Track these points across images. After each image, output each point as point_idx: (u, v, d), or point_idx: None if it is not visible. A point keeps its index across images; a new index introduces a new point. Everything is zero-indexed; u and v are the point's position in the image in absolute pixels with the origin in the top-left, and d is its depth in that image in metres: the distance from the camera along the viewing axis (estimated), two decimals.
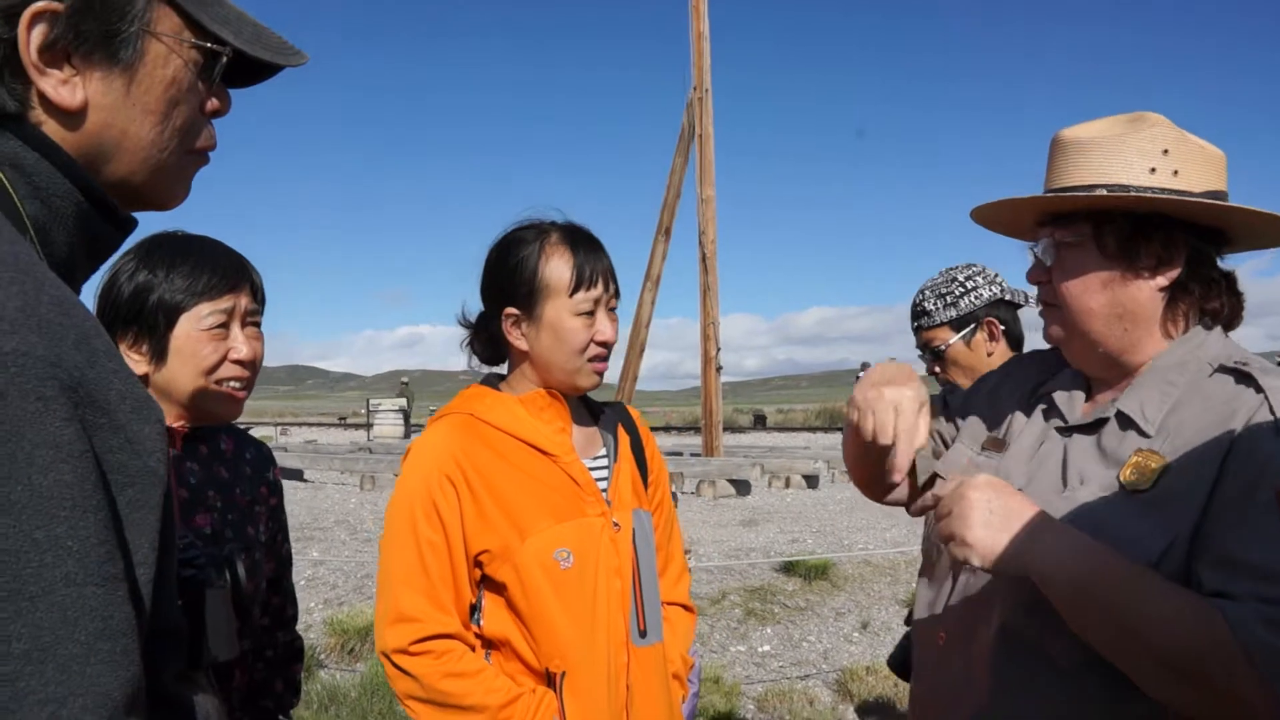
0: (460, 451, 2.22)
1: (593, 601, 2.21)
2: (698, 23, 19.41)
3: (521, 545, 2.18)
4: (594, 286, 2.24)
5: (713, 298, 19.44)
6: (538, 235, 2.28)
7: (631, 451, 2.48)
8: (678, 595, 2.55)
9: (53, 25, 1.04)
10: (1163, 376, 1.79)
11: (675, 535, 2.61)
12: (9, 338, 0.85)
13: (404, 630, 2.13)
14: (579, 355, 2.26)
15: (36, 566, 0.83)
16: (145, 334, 1.99)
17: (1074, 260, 1.83)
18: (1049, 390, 1.99)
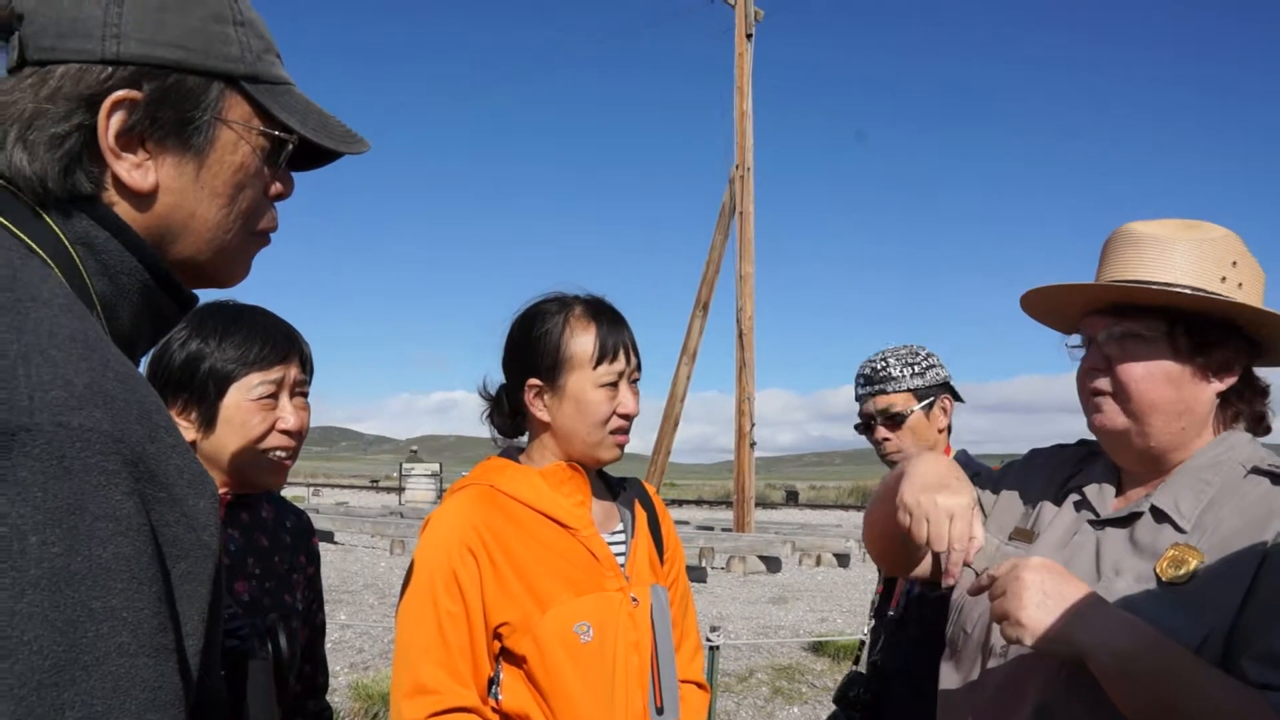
0: (481, 523, 2.21)
1: (612, 676, 2.19)
2: (741, 101, 19.64)
3: (542, 618, 2.16)
4: (617, 360, 2.26)
5: (749, 374, 19.45)
6: (561, 308, 2.31)
7: (648, 527, 2.47)
8: (692, 673, 2.50)
9: (131, 112, 1.09)
10: (1197, 475, 1.82)
11: (690, 612, 2.58)
12: (76, 413, 0.88)
13: (422, 703, 2.11)
14: (601, 427, 2.26)
15: (92, 637, 0.85)
16: (195, 402, 2.02)
17: (1143, 353, 1.83)
18: (1080, 484, 1.99)
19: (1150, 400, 1.82)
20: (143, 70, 1.09)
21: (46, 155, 1.06)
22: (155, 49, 1.09)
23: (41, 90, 1.06)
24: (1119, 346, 1.85)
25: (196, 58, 1.12)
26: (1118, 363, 1.85)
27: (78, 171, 1.08)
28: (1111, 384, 1.86)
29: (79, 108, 1.07)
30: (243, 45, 1.17)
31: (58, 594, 0.83)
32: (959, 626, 2.04)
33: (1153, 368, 1.82)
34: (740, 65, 19.67)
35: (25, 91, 1.06)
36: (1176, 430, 1.84)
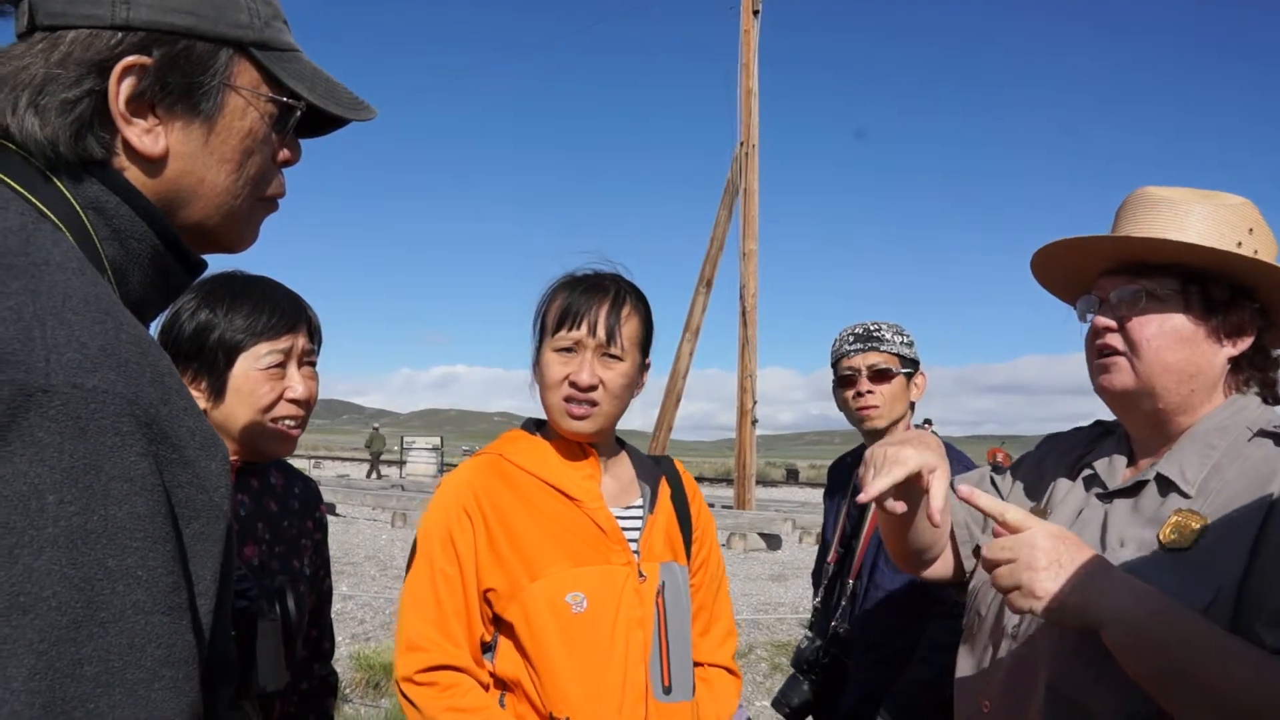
0: (481, 488, 2.24)
1: (608, 649, 2.18)
2: (747, 79, 19.56)
3: (530, 585, 2.17)
4: (576, 327, 2.23)
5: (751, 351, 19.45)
6: (563, 278, 2.34)
7: (673, 506, 2.45)
8: (720, 657, 2.48)
9: (141, 78, 1.10)
10: (1204, 440, 1.81)
11: (722, 596, 2.55)
12: (91, 375, 0.90)
13: (412, 659, 2.14)
14: (554, 393, 2.25)
15: (109, 594, 0.87)
16: (204, 371, 2.04)
17: (1158, 312, 1.82)
18: (1091, 460, 1.99)
19: (1163, 359, 1.80)
20: (153, 36, 1.10)
21: (58, 120, 1.07)
22: (165, 15, 1.10)
23: (52, 55, 1.07)
24: (1132, 305, 1.83)
25: (206, 24, 1.13)
26: (1129, 320, 1.83)
27: (89, 136, 1.09)
28: (1123, 341, 1.84)
29: (90, 73, 1.08)
30: (251, 12, 1.18)
31: (75, 552, 0.85)
32: (974, 612, 2.03)
33: (1166, 325, 1.81)
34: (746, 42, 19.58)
35: (36, 57, 1.07)
36: (1186, 393, 1.82)
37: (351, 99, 1.28)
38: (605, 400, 2.25)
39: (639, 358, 2.33)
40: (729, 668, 2.49)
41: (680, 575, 2.36)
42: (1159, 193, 1.86)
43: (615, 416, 2.31)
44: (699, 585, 2.46)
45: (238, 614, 1.27)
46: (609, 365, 2.25)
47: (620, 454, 2.46)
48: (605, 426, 2.30)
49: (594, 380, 2.23)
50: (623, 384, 2.27)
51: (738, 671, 2.52)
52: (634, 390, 2.34)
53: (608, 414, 2.27)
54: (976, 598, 2.02)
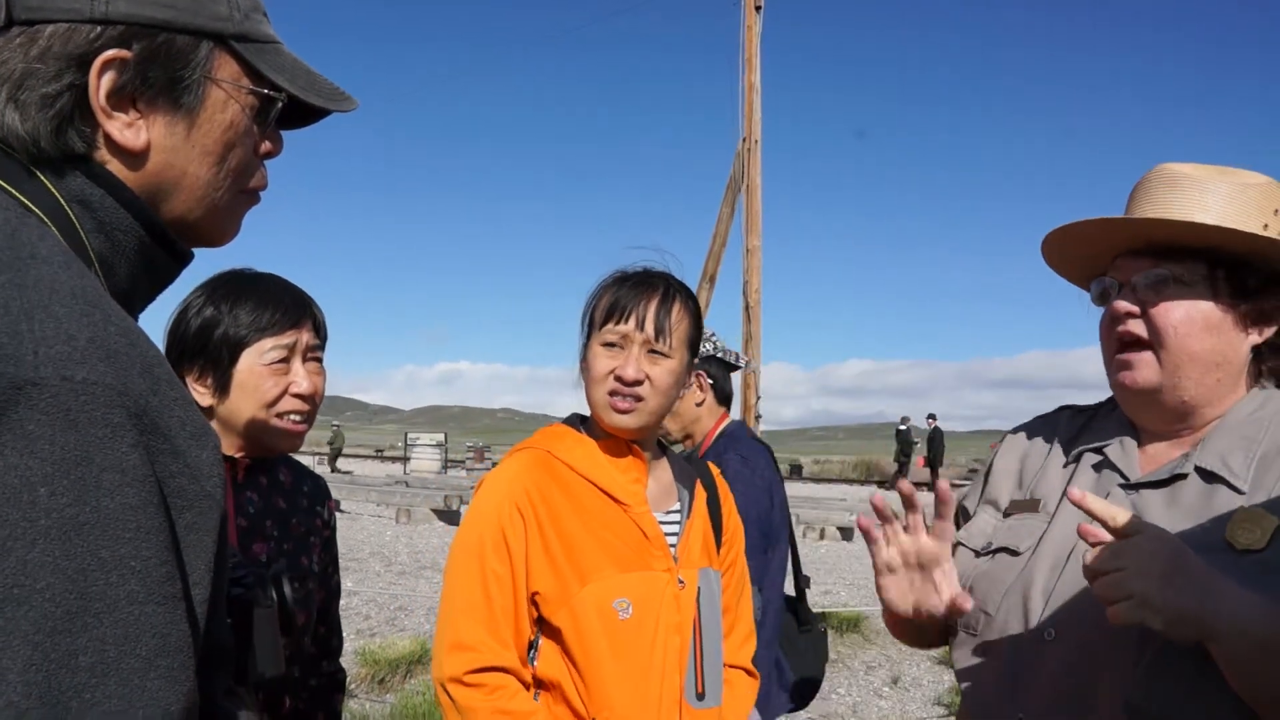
0: (533, 486, 2.21)
1: (649, 656, 2.15)
2: (750, 74, 19.52)
3: (581, 590, 2.14)
4: (624, 321, 2.20)
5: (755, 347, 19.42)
6: (614, 273, 2.31)
7: (707, 509, 2.42)
8: (741, 659, 2.45)
9: (121, 72, 1.10)
10: (1238, 431, 1.72)
11: (745, 598, 2.52)
12: (80, 367, 0.90)
13: (461, 659, 2.10)
14: (599, 387, 2.22)
15: (102, 585, 0.87)
16: (210, 367, 2.05)
17: (1183, 298, 1.72)
18: (1094, 445, 1.88)
19: (1188, 348, 1.71)
20: (132, 29, 1.10)
21: (38, 115, 1.07)
22: (144, 8, 1.10)
23: (31, 50, 1.07)
24: (1157, 290, 1.74)
25: (185, 16, 1.13)
26: (1153, 306, 1.74)
27: (70, 131, 1.09)
28: (1146, 329, 1.74)
29: (69, 67, 1.08)
30: (231, 4, 1.18)
31: (68, 543, 0.86)
32: (976, 609, 1.85)
33: (1193, 312, 1.71)
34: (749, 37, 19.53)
35: (15, 51, 1.07)
36: (1212, 383, 1.73)
37: (332, 90, 1.28)
38: (651, 396, 2.21)
39: (687, 357, 2.29)
40: (748, 669, 2.47)
41: (715, 581, 2.34)
42: (1181, 170, 1.77)
43: (660, 414, 2.27)
44: (725, 586, 2.43)
45: (234, 601, 1.27)
46: (656, 361, 2.22)
47: (659, 455, 2.43)
48: (649, 423, 2.25)
49: (640, 375, 2.19)
50: (670, 381, 2.23)
51: (755, 672, 2.50)
52: (681, 390, 2.31)
53: (652, 410, 2.22)
54: (973, 593, 1.85)
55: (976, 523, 1.99)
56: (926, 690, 7.91)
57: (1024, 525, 1.87)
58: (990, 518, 1.97)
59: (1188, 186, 1.74)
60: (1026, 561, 1.81)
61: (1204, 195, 1.73)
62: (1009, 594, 1.80)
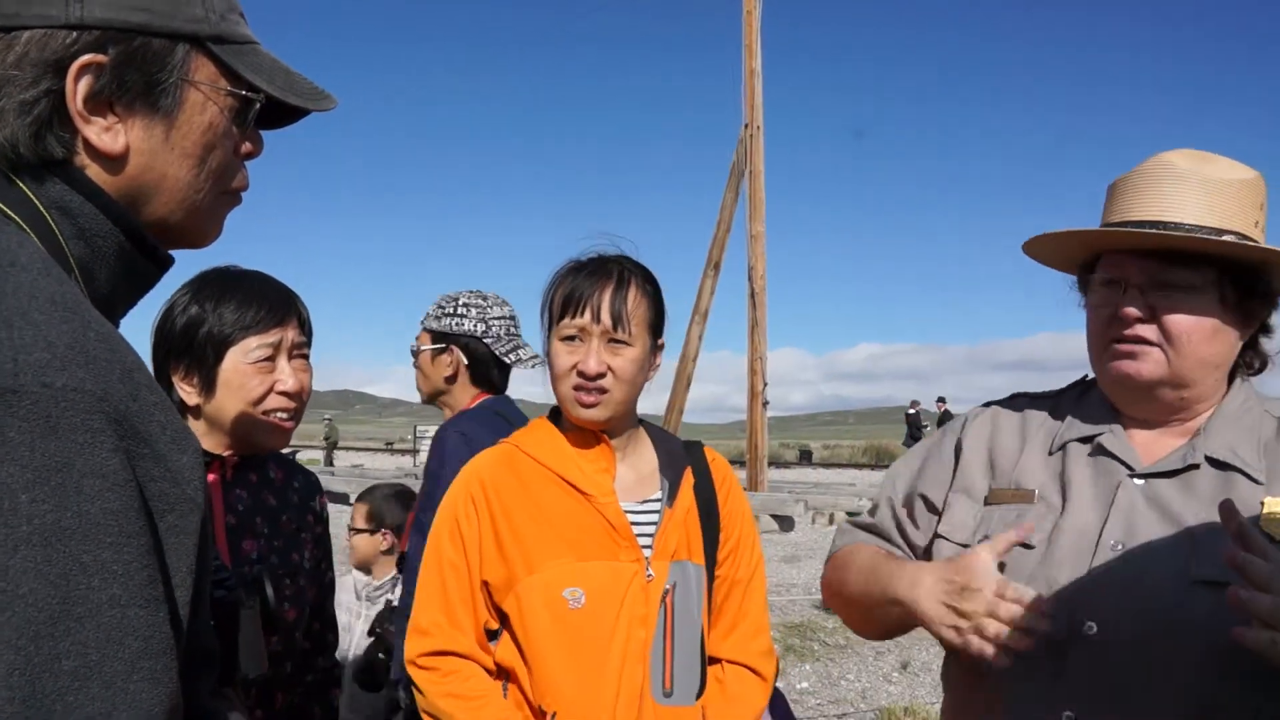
0: (489, 479, 2.23)
1: (605, 648, 2.14)
2: (750, 59, 19.49)
3: (527, 578, 2.15)
4: (580, 314, 2.18)
5: (761, 333, 19.42)
6: (568, 263, 2.29)
7: (696, 498, 2.34)
8: (742, 654, 2.34)
9: (98, 76, 1.10)
10: (1236, 422, 1.76)
11: (755, 592, 2.40)
12: (60, 373, 0.91)
13: (418, 642, 2.17)
14: (563, 383, 2.21)
15: (85, 589, 0.88)
16: (196, 366, 2.06)
17: (1193, 305, 1.72)
18: (1082, 434, 1.86)
19: (1199, 353, 1.72)
20: (108, 34, 1.10)
21: (17, 121, 1.07)
22: (119, 12, 1.10)
23: (8, 56, 1.07)
24: (1163, 294, 1.73)
25: (160, 20, 1.13)
26: (1164, 312, 1.73)
27: (49, 136, 1.09)
28: (1157, 333, 1.73)
29: (46, 73, 1.08)
30: (206, 6, 1.17)
31: (50, 549, 0.87)
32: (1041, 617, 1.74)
33: (1205, 321, 1.72)
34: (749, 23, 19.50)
35: None
36: (1213, 381, 1.77)
37: (311, 89, 1.28)
38: (615, 387, 2.20)
39: (649, 340, 2.27)
40: (754, 667, 2.34)
41: (694, 574, 2.27)
42: (1179, 163, 1.76)
43: (628, 402, 2.25)
44: (725, 578, 2.35)
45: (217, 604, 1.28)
46: (617, 351, 2.20)
47: (641, 441, 2.38)
48: (617, 413, 2.24)
49: (601, 368, 2.18)
50: (633, 369, 2.21)
51: (765, 670, 2.36)
52: (647, 374, 2.29)
53: (619, 400, 2.21)
54: None
55: (956, 514, 1.94)
56: (936, 675, 7.92)
57: (1025, 517, 1.83)
58: (969, 507, 1.93)
59: (1191, 182, 1.73)
60: (1043, 554, 1.77)
61: (1206, 193, 1.72)
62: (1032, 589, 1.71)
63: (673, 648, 2.20)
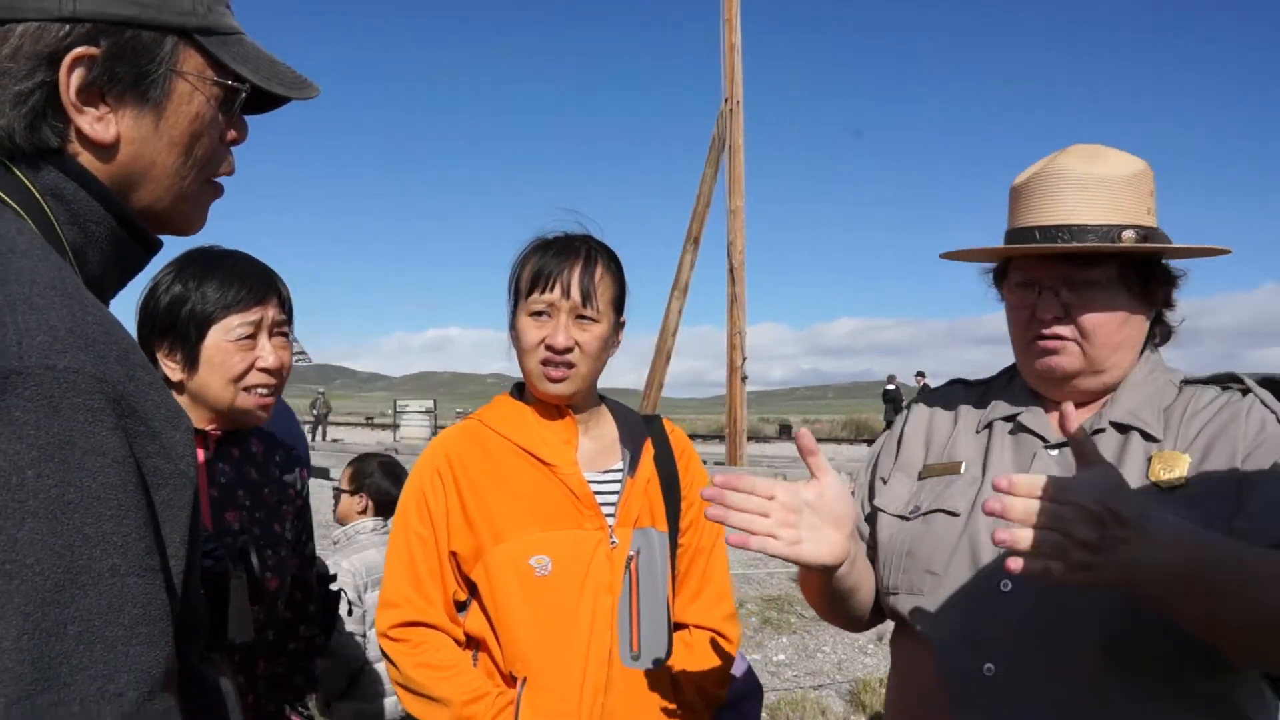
0: (454, 453, 2.30)
1: (572, 614, 2.21)
2: (730, 34, 19.50)
3: (494, 548, 2.22)
4: (549, 290, 2.25)
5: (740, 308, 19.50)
6: (534, 241, 2.35)
7: (657, 468, 2.42)
8: (710, 619, 2.43)
9: (90, 69, 1.14)
10: (1140, 390, 1.90)
11: (716, 559, 2.48)
12: (61, 356, 0.96)
13: (387, 614, 2.24)
14: (530, 357, 2.27)
15: (87, 559, 0.94)
16: (179, 344, 2.11)
17: (1102, 300, 1.87)
18: (1004, 414, 2.00)
19: (1111, 341, 1.87)
20: (99, 27, 1.14)
21: (12, 112, 1.11)
22: (110, 6, 1.14)
23: (3, 49, 1.11)
24: (1075, 293, 1.88)
25: (150, 13, 1.17)
26: (1078, 311, 1.87)
27: (43, 126, 1.14)
28: (1073, 330, 1.88)
29: (40, 65, 1.12)
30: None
31: (54, 521, 0.92)
32: (918, 570, 1.93)
33: (1115, 314, 1.87)
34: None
35: None
36: (1125, 362, 1.91)
37: (294, 78, 1.32)
38: (582, 362, 2.27)
39: (614, 317, 2.33)
40: (718, 630, 2.43)
41: (657, 540, 2.35)
42: (1071, 166, 1.89)
43: (592, 377, 2.32)
44: (687, 546, 2.44)
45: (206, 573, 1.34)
46: (584, 327, 2.27)
47: (603, 414, 2.46)
48: (582, 387, 2.31)
49: (569, 343, 2.24)
50: (598, 345, 2.28)
51: (730, 634, 2.45)
52: (611, 350, 2.36)
53: (584, 375, 2.28)
54: (913, 556, 1.94)
55: (892, 489, 2.06)
56: None
57: (952, 487, 1.96)
58: (905, 482, 2.06)
59: (1089, 185, 1.87)
60: (967, 521, 1.90)
61: (1103, 192, 1.86)
62: (956, 553, 1.88)
63: (639, 612, 2.27)
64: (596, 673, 2.21)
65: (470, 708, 2.17)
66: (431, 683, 2.19)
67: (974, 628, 1.83)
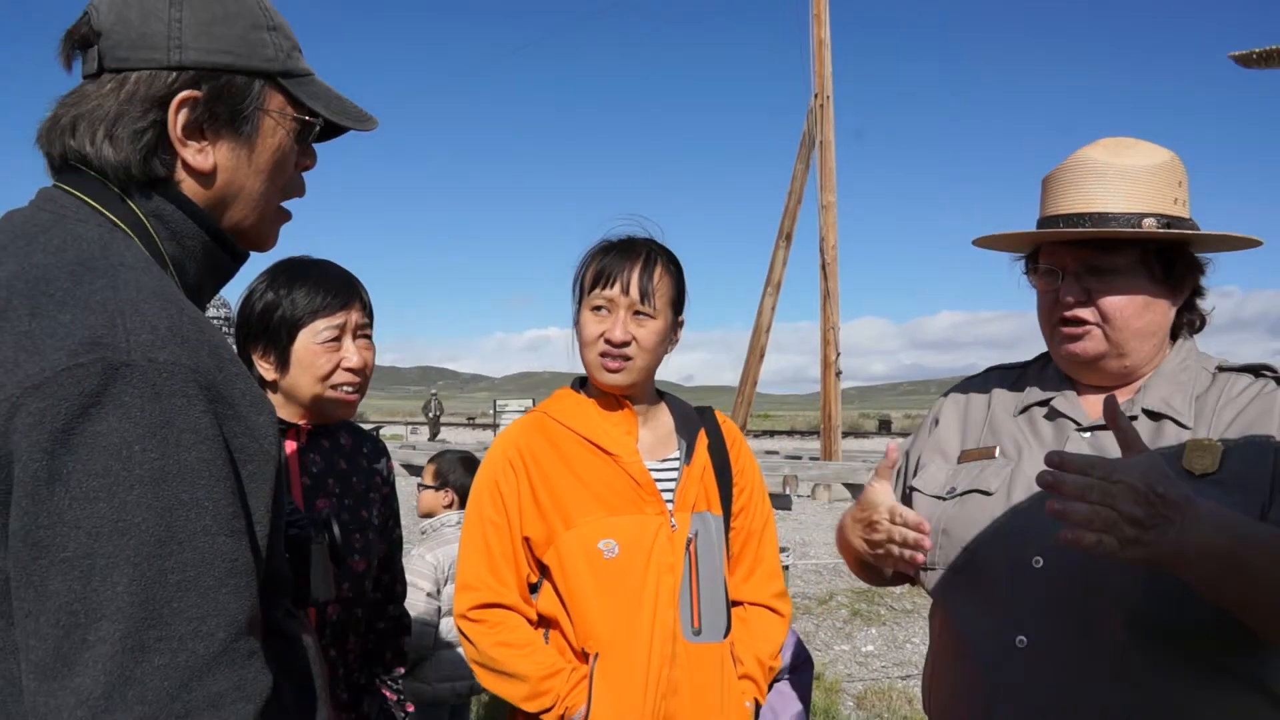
0: (524, 443, 2.47)
1: (638, 593, 2.35)
2: (819, 29, 19.44)
3: (565, 533, 2.38)
4: (610, 286, 2.41)
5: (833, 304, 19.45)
6: (599, 243, 2.53)
7: (711, 457, 2.57)
8: (762, 596, 2.61)
9: (193, 109, 1.35)
10: (1172, 379, 1.97)
11: (767, 540, 2.67)
12: (162, 350, 1.16)
13: (465, 597, 2.40)
14: (590, 349, 2.43)
15: (184, 520, 1.13)
16: (272, 346, 2.32)
17: (1123, 285, 1.94)
18: (1039, 399, 2.09)
19: (1131, 326, 1.93)
20: (201, 73, 1.36)
21: (129, 147, 1.33)
22: (210, 55, 1.36)
23: (121, 94, 1.33)
24: (1097, 279, 1.95)
25: (242, 61, 1.39)
26: (1099, 295, 1.94)
27: (154, 159, 1.35)
28: (1095, 314, 1.95)
29: (153, 107, 1.34)
30: (276, 47, 1.43)
31: (157, 488, 1.12)
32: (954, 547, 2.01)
33: (1135, 298, 1.94)
34: None
35: (107, 96, 1.33)
36: (1149, 349, 1.97)
37: (358, 112, 1.53)
38: (639, 355, 2.41)
39: (671, 316, 2.48)
40: (772, 606, 2.62)
41: (714, 524, 2.51)
42: (1097, 157, 1.97)
43: (649, 370, 2.47)
44: (740, 529, 2.60)
45: (291, 540, 1.53)
46: (642, 323, 2.41)
47: (659, 406, 2.62)
48: (639, 379, 2.46)
49: (627, 336, 2.39)
50: (655, 340, 2.44)
51: (782, 610, 2.64)
52: (668, 346, 2.50)
53: (641, 368, 2.43)
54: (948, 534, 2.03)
55: (929, 471, 2.16)
56: None
57: (988, 469, 2.05)
58: (943, 466, 2.16)
59: (1111, 175, 1.94)
60: (1003, 500, 1.99)
61: (1125, 182, 1.94)
62: (991, 531, 1.97)
63: (699, 590, 2.42)
64: (662, 647, 2.35)
65: (547, 682, 2.32)
66: (510, 660, 2.34)
67: (1007, 602, 1.92)
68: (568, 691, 2.33)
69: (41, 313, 1.15)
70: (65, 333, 1.13)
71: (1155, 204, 1.93)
